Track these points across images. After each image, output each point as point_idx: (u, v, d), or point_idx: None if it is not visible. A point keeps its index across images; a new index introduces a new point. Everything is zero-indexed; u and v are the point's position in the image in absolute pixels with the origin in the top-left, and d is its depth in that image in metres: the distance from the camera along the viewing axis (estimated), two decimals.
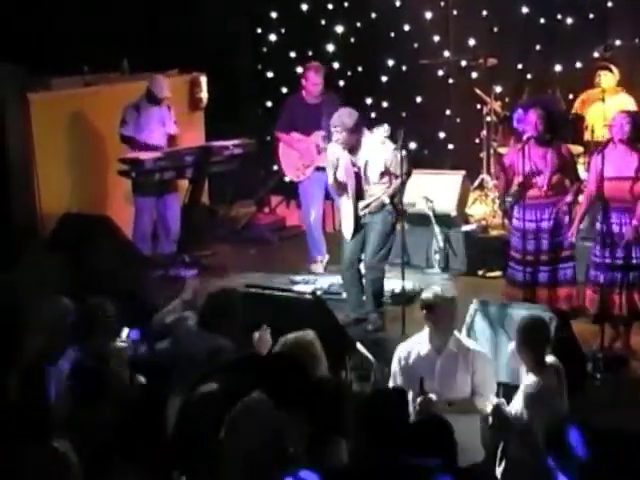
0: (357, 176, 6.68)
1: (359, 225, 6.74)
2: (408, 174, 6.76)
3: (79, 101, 8.59)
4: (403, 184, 6.69)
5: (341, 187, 6.75)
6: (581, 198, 6.60)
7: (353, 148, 6.65)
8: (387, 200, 6.64)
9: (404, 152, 6.63)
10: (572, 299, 6.50)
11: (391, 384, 4.96)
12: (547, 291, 6.43)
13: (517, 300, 6.27)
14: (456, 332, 4.99)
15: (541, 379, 4.52)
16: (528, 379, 4.57)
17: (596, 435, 3.40)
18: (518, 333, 4.64)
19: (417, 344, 4.99)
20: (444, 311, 4.87)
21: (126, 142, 8.24)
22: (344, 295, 7.07)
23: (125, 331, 5.22)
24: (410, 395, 4.50)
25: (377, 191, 6.67)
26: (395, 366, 5.01)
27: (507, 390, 5.03)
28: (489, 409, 4.60)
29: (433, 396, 4.62)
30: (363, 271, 6.88)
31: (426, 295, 4.97)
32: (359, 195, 6.69)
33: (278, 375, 4.02)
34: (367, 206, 6.66)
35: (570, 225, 6.43)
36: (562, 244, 6.49)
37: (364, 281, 6.85)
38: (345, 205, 6.80)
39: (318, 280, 7.65)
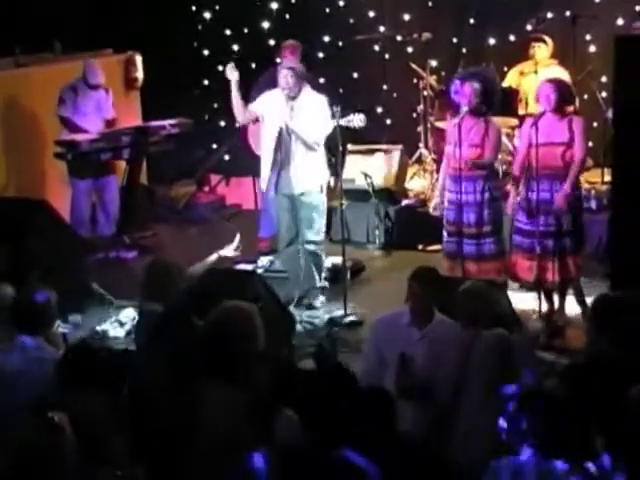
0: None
1: (286, 194, 6.72)
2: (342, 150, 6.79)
3: (11, 83, 8.43)
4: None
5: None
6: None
7: (293, 98, 6.63)
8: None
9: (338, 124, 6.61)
10: (500, 273, 6.48)
11: (364, 361, 4.85)
12: (474, 265, 6.39)
13: (457, 273, 6.34)
14: (438, 313, 4.80)
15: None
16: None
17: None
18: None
19: (397, 319, 4.80)
20: (425, 286, 4.72)
21: (63, 123, 8.14)
22: (286, 273, 7.10)
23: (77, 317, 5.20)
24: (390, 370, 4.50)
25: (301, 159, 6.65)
26: (370, 342, 4.90)
27: None
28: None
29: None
30: (301, 248, 6.89)
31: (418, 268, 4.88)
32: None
33: (216, 345, 3.99)
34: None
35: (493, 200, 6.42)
36: (483, 219, 6.41)
37: (302, 258, 6.87)
38: (273, 159, 6.74)
39: (260, 258, 7.66)
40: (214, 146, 9.89)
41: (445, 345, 4.65)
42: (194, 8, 10.11)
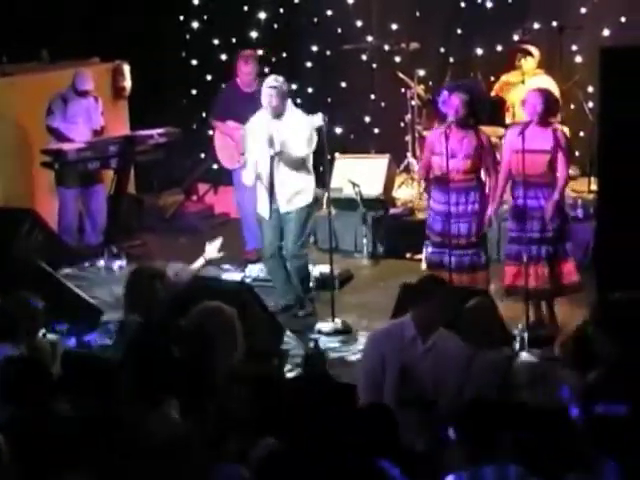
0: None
1: (273, 208, 6.71)
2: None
3: None
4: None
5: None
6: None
7: (278, 116, 6.63)
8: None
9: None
10: (489, 283, 6.50)
11: (365, 377, 4.76)
12: (465, 276, 6.39)
13: None
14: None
15: None
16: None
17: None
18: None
19: (400, 331, 4.74)
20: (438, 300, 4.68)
21: (52, 133, 8.13)
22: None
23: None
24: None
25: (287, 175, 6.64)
26: (371, 351, 4.84)
27: None
28: None
29: None
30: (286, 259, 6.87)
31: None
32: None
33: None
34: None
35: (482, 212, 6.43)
36: (472, 230, 6.43)
37: (289, 268, 6.86)
38: (261, 179, 6.73)
39: (247, 267, 7.66)
40: (202, 155, 9.88)
41: (448, 359, 4.63)
42: (182, 18, 10.12)
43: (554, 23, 8.75)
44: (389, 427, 3.62)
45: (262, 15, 9.88)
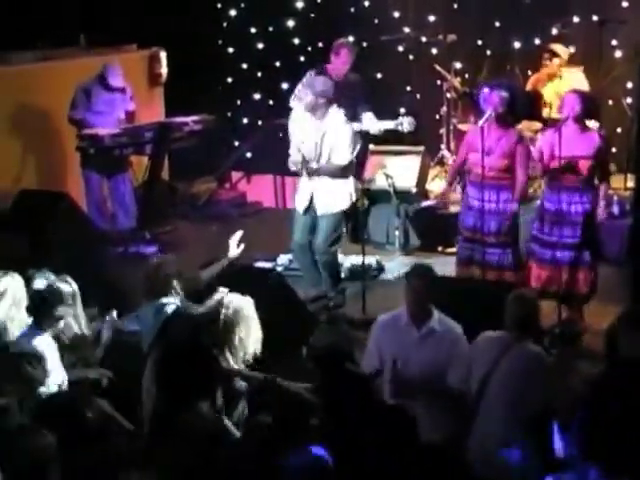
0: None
1: (311, 203, 6.69)
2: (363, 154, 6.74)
3: (36, 76, 8.48)
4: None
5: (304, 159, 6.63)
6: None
7: (320, 119, 6.56)
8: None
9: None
10: (517, 282, 6.37)
11: (366, 360, 4.84)
12: (495, 273, 6.34)
13: None
14: (438, 311, 4.84)
15: None
16: None
17: None
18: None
19: (397, 319, 4.85)
20: (424, 285, 4.78)
21: (75, 125, 8.16)
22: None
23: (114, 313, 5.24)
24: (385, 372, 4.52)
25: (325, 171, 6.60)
26: (371, 341, 4.92)
27: None
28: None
29: None
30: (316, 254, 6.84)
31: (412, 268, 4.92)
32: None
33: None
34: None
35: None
36: (503, 228, 6.38)
37: (316, 264, 6.82)
38: (302, 180, 6.73)
39: (279, 257, 7.66)
40: (236, 143, 9.90)
41: (449, 344, 4.66)
42: (220, 5, 10.13)
43: (594, 17, 8.65)
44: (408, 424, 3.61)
45: (299, 4, 9.86)
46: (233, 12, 10.11)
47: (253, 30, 10.01)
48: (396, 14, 9.52)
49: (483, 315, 4.98)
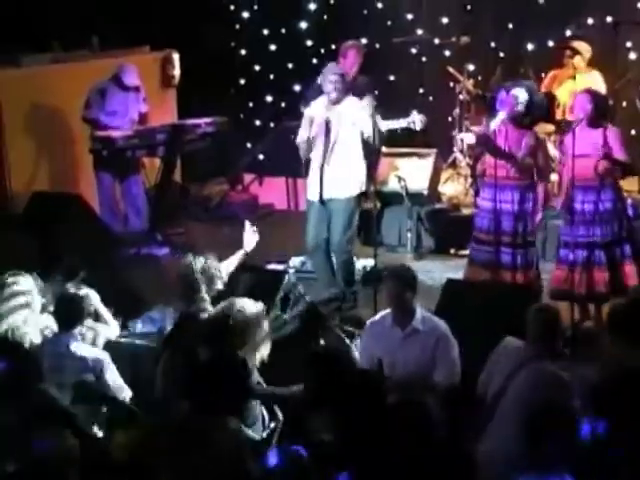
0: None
1: (323, 192, 6.66)
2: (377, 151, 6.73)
3: (48, 78, 8.50)
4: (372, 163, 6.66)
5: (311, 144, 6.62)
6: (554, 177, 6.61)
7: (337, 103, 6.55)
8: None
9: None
10: (533, 283, 6.37)
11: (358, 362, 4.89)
12: (510, 273, 6.30)
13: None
14: (423, 310, 4.94)
15: None
16: None
17: None
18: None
19: (383, 320, 4.97)
20: (399, 285, 4.86)
21: (89, 124, 8.17)
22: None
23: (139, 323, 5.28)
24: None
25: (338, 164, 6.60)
26: (361, 343, 5.03)
27: None
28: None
29: None
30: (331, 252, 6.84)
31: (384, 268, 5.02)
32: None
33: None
34: None
35: (536, 211, 6.37)
36: (519, 229, 6.33)
37: (334, 262, 6.82)
38: (314, 163, 6.70)
39: (291, 259, 7.65)
40: (248, 145, 9.90)
41: (435, 341, 4.72)
42: (232, 7, 10.14)
43: (609, 19, 8.61)
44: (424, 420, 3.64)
45: (312, 6, 9.86)
46: (246, 14, 10.11)
47: (266, 32, 10.01)
48: (409, 16, 9.51)
49: (500, 317, 5.03)
